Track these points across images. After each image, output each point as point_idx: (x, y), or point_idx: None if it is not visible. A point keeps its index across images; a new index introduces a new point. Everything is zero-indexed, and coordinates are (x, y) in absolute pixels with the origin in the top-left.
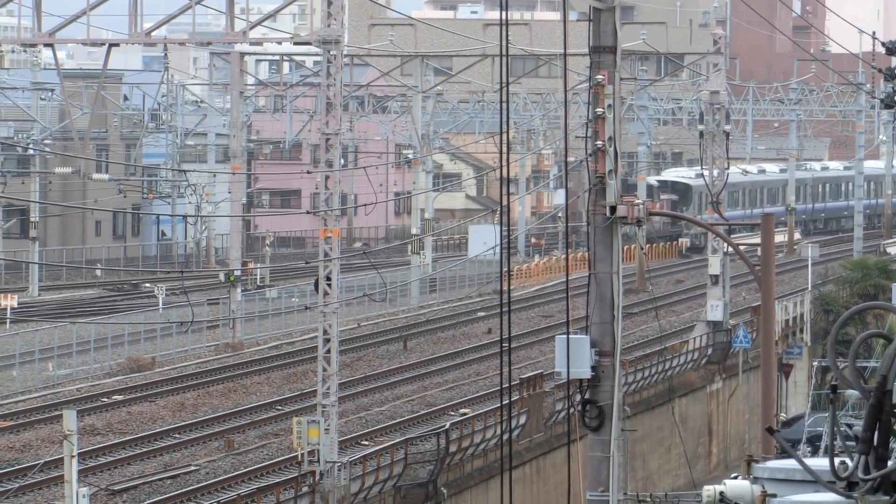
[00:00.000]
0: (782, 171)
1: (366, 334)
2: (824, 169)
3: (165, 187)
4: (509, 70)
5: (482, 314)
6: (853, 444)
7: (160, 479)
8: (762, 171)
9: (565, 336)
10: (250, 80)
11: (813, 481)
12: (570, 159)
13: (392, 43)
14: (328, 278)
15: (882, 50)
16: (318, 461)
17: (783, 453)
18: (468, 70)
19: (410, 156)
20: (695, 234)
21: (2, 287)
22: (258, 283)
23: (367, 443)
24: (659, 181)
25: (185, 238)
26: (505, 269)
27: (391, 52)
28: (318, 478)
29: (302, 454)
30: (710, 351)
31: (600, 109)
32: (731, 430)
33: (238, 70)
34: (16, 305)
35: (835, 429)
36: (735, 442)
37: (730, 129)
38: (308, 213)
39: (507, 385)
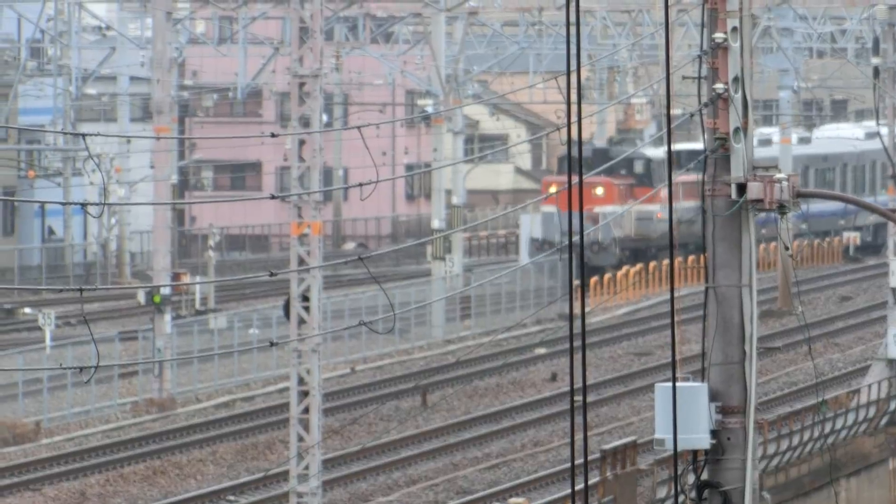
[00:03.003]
0: None
1: (364, 384)
2: None
3: (54, 160)
4: None
5: (542, 351)
6: None
7: None
8: None
9: (670, 384)
10: None
11: None
12: (676, 112)
13: None
14: (304, 298)
15: None
16: None
17: None
18: None
19: (429, 109)
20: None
21: None
22: (197, 306)
23: None
24: (598, 150)
25: (85, 238)
26: (577, 281)
27: None
28: None
29: None
30: (894, 406)
31: (721, 35)
32: None
33: None
34: None
35: None
36: None
37: None
38: (273, 197)
39: (581, 460)
